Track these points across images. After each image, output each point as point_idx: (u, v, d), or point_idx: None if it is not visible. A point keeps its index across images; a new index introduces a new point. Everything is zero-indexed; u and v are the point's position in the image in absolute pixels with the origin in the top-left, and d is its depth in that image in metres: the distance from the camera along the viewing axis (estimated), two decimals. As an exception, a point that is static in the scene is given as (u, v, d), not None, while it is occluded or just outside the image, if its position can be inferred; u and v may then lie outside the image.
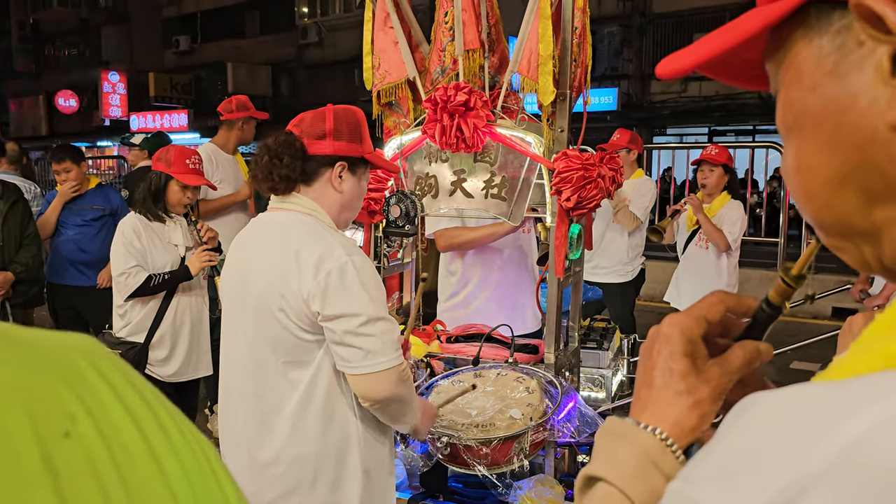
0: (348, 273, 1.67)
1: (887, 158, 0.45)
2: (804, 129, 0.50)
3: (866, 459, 0.36)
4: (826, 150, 0.48)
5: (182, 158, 3.27)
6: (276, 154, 1.79)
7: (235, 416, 1.84)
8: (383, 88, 2.44)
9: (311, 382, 1.74)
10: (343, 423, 1.78)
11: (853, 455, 0.36)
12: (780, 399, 0.42)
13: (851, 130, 0.46)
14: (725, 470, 0.42)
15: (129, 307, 3.24)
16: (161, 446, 0.34)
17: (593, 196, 2.16)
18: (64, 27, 26.42)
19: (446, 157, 2.39)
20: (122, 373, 0.36)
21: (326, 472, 1.77)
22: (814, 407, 0.40)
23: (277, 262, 1.73)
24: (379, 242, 2.54)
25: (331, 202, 1.84)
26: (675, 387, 0.61)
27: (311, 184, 1.83)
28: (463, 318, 2.83)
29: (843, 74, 0.47)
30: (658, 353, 0.63)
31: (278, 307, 1.70)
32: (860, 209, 0.47)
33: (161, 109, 22.01)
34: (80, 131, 24.24)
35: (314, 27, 19.90)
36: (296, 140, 1.80)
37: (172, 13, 23.98)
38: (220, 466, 0.38)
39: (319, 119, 1.83)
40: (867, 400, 0.37)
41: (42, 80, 26.96)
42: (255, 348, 1.77)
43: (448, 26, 2.34)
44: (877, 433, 0.36)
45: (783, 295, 0.62)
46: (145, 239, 3.21)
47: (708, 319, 0.64)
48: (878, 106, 0.44)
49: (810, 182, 0.51)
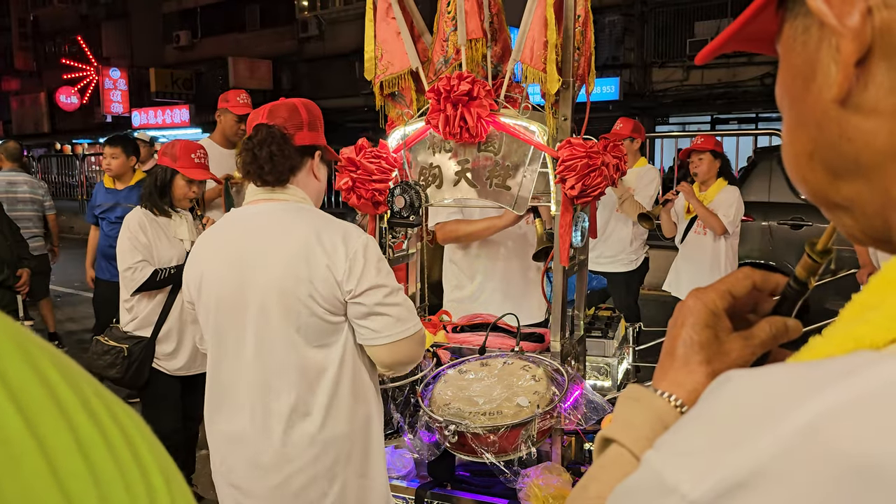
0: (370, 250, 1.79)
1: (838, 135, 0.46)
2: (784, 108, 0.52)
3: (822, 441, 0.36)
4: (797, 127, 0.50)
5: (187, 153, 3.28)
6: (279, 145, 1.83)
7: (244, 411, 1.83)
8: (386, 79, 2.44)
9: (339, 365, 1.80)
10: (366, 399, 1.87)
11: (810, 436, 0.36)
12: (750, 378, 0.42)
13: (812, 108, 0.48)
14: (690, 443, 0.43)
15: (135, 301, 3.25)
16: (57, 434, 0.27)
17: (598, 184, 2.16)
18: (64, 24, 26.38)
19: (450, 147, 2.39)
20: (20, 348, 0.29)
21: (358, 448, 1.85)
22: (778, 388, 0.40)
23: (296, 250, 1.75)
24: (384, 233, 2.55)
25: (311, 190, 1.94)
26: (696, 356, 0.63)
27: (296, 174, 1.89)
28: (470, 310, 2.84)
29: (808, 54, 0.48)
30: (681, 324, 0.65)
31: (306, 293, 1.73)
32: (830, 184, 0.49)
33: (162, 105, 22.00)
34: (82, 128, 24.27)
35: (314, 20, 19.84)
36: (285, 132, 1.85)
37: (172, 8, 23.93)
38: (150, 455, 0.32)
39: (293, 111, 1.91)
40: (827, 382, 0.38)
41: (43, 77, 26.95)
42: (275, 339, 1.77)
43: (451, 16, 2.34)
44: (834, 415, 0.36)
45: (809, 270, 0.63)
46: (151, 234, 3.22)
47: (733, 294, 0.65)
48: (830, 84, 0.46)
49: (789, 158, 0.53)
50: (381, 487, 1.94)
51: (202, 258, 1.90)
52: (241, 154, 1.87)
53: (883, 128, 0.43)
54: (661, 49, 15.80)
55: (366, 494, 1.89)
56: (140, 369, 3.20)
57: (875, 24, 0.42)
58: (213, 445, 1.93)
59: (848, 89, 0.44)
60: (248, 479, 1.84)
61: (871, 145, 0.44)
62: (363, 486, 1.88)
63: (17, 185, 5.70)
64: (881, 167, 0.44)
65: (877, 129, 0.44)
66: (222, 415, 1.88)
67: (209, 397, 1.92)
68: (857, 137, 0.45)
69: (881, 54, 0.43)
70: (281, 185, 1.86)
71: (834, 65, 0.45)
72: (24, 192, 5.71)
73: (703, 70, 14.64)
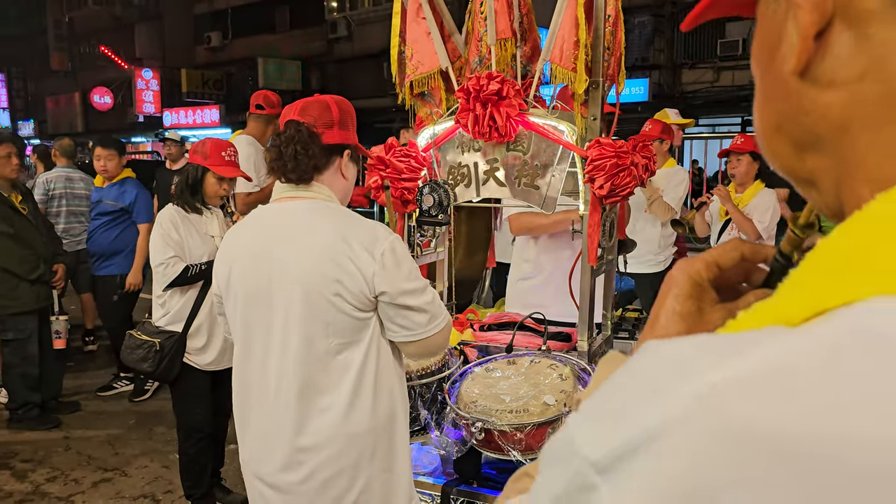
0: (397, 250, 1.79)
1: (798, 108, 0.45)
2: (756, 78, 0.52)
3: (712, 409, 0.36)
4: (766, 99, 0.50)
5: (218, 151, 3.33)
6: (304, 144, 1.83)
7: (270, 405, 1.84)
8: (416, 79, 2.45)
9: (363, 361, 1.81)
10: (391, 393, 1.87)
11: (701, 404, 0.37)
12: (663, 347, 0.42)
13: (776, 80, 0.47)
14: (601, 408, 0.43)
15: (167, 297, 3.31)
16: None
17: (627, 184, 2.16)
18: (98, 25, 26.85)
19: (479, 147, 2.40)
20: None
21: (382, 442, 1.86)
22: (684, 357, 0.40)
23: (324, 248, 1.76)
24: (412, 232, 2.56)
25: (338, 189, 1.94)
26: (675, 327, 0.62)
27: (323, 172, 1.89)
28: (535, 305, 2.79)
29: (776, 23, 0.47)
30: (665, 294, 0.64)
31: (333, 291, 1.75)
32: (796, 158, 0.48)
33: (193, 105, 22.29)
34: (114, 128, 24.67)
35: (343, 21, 19.98)
36: (314, 130, 1.86)
37: (204, 10, 24.24)
38: None
39: (325, 109, 1.90)
40: (729, 354, 0.38)
41: (78, 77, 27.46)
42: (301, 335, 1.79)
43: (483, 16, 2.35)
44: (731, 386, 0.36)
45: (793, 244, 0.63)
46: (183, 230, 3.27)
47: (719, 265, 0.64)
48: (790, 55, 0.45)
49: (759, 131, 0.52)
50: (406, 482, 1.95)
51: (231, 253, 1.92)
52: (269, 150, 1.90)
53: (838, 100, 0.43)
54: (691, 50, 15.63)
55: (391, 489, 1.90)
56: (171, 363, 3.25)
57: None
58: (241, 439, 1.95)
59: (806, 61, 0.43)
60: (274, 472, 1.86)
61: (826, 118, 0.44)
62: (388, 480, 1.89)
63: (74, 182, 5.87)
64: (836, 141, 0.44)
65: (832, 102, 0.43)
66: (249, 409, 1.91)
67: (236, 391, 1.94)
68: (814, 110, 0.44)
69: (841, 25, 0.42)
70: (305, 183, 1.87)
71: (795, 35, 0.44)
72: (81, 189, 5.87)
73: (734, 71, 14.46)
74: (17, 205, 4.59)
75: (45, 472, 4.06)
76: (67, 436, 4.60)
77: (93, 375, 5.74)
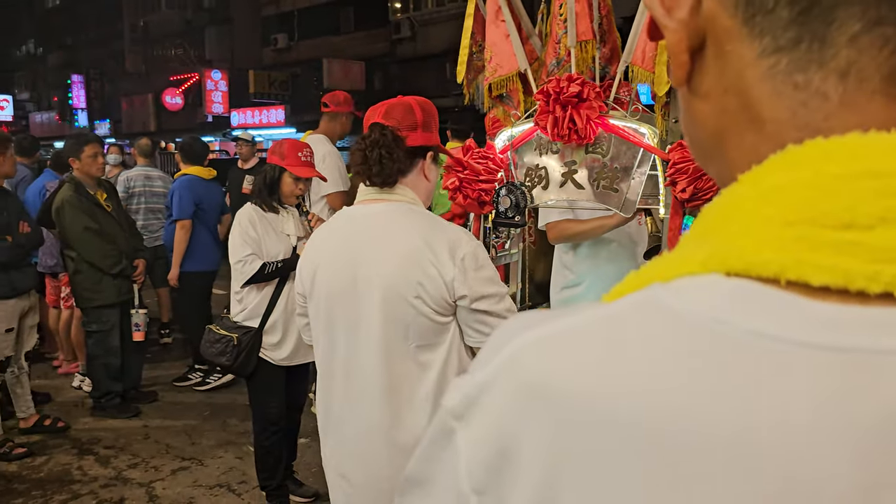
0: (479, 256, 1.80)
1: (691, 118, 0.49)
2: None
3: (515, 370, 0.43)
4: (683, 111, 0.52)
5: (295, 151, 3.41)
6: (388, 148, 1.84)
7: (354, 403, 1.88)
8: (495, 81, 2.47)
9: (444, 362, 1.83)
10: None
11: (508, 366, 0.44)
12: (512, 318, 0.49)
13: (681, 94, 0.50)
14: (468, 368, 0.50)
15: (245, 293, 3.41)
16: None
17: (710, 187, 2.12)
18: (171, 28, 27.78)
19: (556, 149, 2.40)
20: None
21: None
22: (515, 325, 0.47)
23: (406, 251, 1.78)
24: (488, 233, 2.58)
25: (421, 191, 1.94)
26: None
27: (407, 175, 1.89)
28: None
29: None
30: None
31: (414, 294, 1.77)
32: (703, 163, 0.51)
33: (260, 105, 22.82)
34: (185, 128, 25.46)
35: (407, 22, 20.14)
36: (398, 134, 1.85)
37: (271, 12, 24.79)
38: None
39: (409, 111, 1.89)
40: (545, 321, 0.45)
41: (151, 79, 28.46)
42: (383, 337, 1.82)
43: (563, 18, 2.35)
44: (526, 348, 0.43)
45: None
46: (260, 229, 3.37)
47: None
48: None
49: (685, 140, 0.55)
50: None
51: (317, 252, 1.95)
52: (353, 153, 1.92)
53: (712, 111, 0.46)
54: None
55: None
56: (248, 358, 3.35)
57: (704, 13, 0.43)
58: (325, 436, 1.99)
59: (684, 76, 0.46)
60: (357, 469, 1.89)
61: (706, 127, 0.47)
62: None
63: (153, 180, 6.14)
64: (717, 147, 0.47)
65: (709, 112, 0.46)
66: (333, 408, 1.95)
67: (321, 389, 1.98)
68: (699, 120, 0.48)
69: (709, 42, 0.44)
70: (389, 186, 1.88)
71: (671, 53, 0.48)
72: (159, 187, 6.13)
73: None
74: (102, 202, 4.80)
75: (126, 459, 4.24)
76: (146, 424, 4.79)
77: (168, 367, 5.96)
